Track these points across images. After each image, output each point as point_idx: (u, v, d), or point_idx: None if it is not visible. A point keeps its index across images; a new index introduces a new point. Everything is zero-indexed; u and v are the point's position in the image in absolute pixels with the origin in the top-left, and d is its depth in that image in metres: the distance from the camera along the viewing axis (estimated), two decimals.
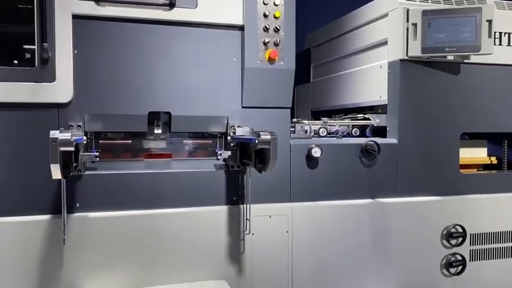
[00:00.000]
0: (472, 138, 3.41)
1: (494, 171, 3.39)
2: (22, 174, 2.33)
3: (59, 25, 2.28)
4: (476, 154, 3.40)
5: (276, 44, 2.60)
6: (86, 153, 2.31)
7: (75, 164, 2.13)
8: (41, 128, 2.29)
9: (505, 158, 3.42)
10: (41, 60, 2.25)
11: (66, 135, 1.83)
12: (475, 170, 3.40)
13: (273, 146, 2.19)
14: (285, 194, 2.75)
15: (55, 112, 2.34)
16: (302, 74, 4.12)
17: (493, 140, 3.49)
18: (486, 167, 3.43)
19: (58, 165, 1.80)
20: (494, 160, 3.41)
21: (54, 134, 1.82)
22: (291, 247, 2.74)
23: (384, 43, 3.14)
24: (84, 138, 2.31)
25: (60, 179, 2.08)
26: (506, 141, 3.42)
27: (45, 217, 2.33)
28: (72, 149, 1.84)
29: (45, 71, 2.28)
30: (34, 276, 2.33)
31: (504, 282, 3.20)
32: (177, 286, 2.49)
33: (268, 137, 2.19)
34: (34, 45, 2.27)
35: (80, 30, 2.35)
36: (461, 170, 3.19)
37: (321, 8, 4.62)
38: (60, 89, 2.31)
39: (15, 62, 2.28)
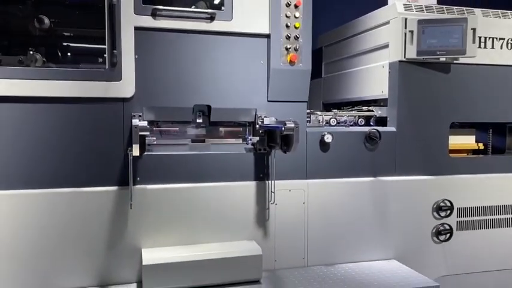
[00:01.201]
0: (463, 127, 3.74)
1: (481, 156, 3.72)
2: (95, 154, 2.77)
3: (124, 36, 2.72)
4: (466, 141, 3.73)
5: (295, 49, 2.99)
6: (146, 138, 2.70)
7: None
8: (110, 117, 2.77)
9: (490, 144, 3.80)
10: (111, 63, 2.70)
11: (144, 123, 2.35)
12: (465, 154, 3.73)
13: (296, 132, 2.65)
14: (302, 172, 3.14)
15: (121, 105, 2.78)
16: (315, 70, 4.24)
17: (481, 128, 3.83)
18: (475, 151, 3.77)
19: (138, 145, 2.32)
20: (481, 146, 3.75)
21: (136, 122, 2.33)
22: (306, 215, 3.15)
23: (386, 46, 3.46)
24: None
25: (127, 158, 2.62)
26: (491, 130, 3.79)
27: (113, 188, 2.79)
28: (148, 133, 2.34)
29: (113, 72, 2.72)
30: (105, 235, 2.80)
31: (484, 248, 3.57)
32: (216, 244, 2.94)
33: (292, 125, 2.66)
34: (106, 51, 2.73)
35: (140, 39, 2.77)
36: (453, 154, 3.51)
37: (332, 12, 4.83)
38: (125, 86, 2.75)
39: (92, 65, 2.78)
